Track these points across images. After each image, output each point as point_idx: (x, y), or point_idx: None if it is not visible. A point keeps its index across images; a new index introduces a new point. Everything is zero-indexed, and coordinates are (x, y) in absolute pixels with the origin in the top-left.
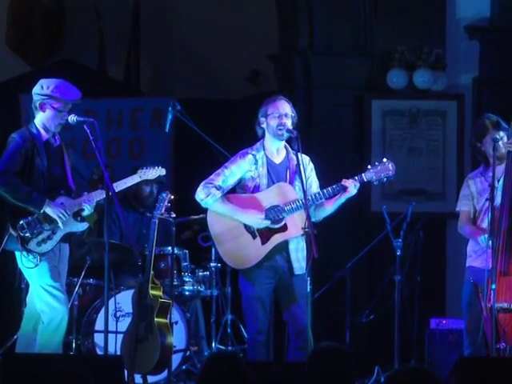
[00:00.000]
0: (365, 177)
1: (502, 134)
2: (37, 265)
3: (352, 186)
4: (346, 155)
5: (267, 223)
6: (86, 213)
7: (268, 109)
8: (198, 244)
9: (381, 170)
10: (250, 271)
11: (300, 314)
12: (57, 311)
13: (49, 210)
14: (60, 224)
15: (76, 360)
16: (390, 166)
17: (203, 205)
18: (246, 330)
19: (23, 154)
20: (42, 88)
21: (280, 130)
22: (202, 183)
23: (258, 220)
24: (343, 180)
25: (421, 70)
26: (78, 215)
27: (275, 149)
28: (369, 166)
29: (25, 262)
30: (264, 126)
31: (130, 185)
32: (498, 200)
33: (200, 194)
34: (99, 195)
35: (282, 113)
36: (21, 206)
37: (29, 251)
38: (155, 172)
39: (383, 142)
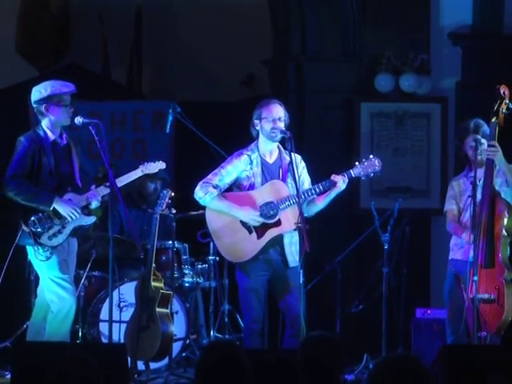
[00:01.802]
0: (353, 172)
1: (483, 140)
2: (49, 258)
3: (341, 182)
4: (337, 155)
5: (261, 220)
6: (93, 206)
7: (262, 112)
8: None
9: (368, 165)
10: (246, 264)
11: (294, 303)
12: (65, 301)
13: (58, 207)
14: (69, 219)
15: (82, 348)
16: (377, 161)
17: (201, 203)
18: (242, 320)
19: (30, 156)
20: (41, 93)
21: (273, 132)
22: (200, 182)
23: (252, 217)
24: (333, 175)
25: (406, 74)
26: (85, 209)
27: (269, 149)
28: (356, 163)
29: (37, 256)
30: (258, 128)
31: (132, 179)
32: (478, 197)
33: (198, 193)
34: (104, 190)
35: (276, 117)
36: (31, 206)
37: (41, 245)
38: (156, 166)
39: (371, 142)
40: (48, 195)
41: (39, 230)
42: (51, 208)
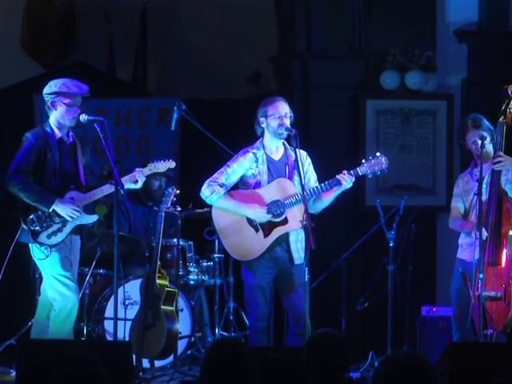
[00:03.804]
0: (360, 170)
1: (485, 133)
2: (47, 256)
3: (348, 181)
4: (342, 152)
5: (269, 217)
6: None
7: (268, 110)
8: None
9: (374, 163)
10: (252, 262)
11: (298, 301)
12: (68, 299)
13: (58, 209)
14: (69, 218)
15: (87, 345)
16: (383, 159)
17: (208, 202)
18: (247, 317)
19: (36, 153)
20: (51, 87)
21: (281, 129)
22: (207, 181)
23: (260, 214)
24: (339, 175)
25: (412, 71)
26: (88, 208)
27: (274, 146)
28: (363, 161)
29: (36, 254)
30: (264, 125)
31: None
32: (484, 195)
33: (205, 192)
34: (109, 189)
35: (282, 113)
36: (31, 204)
37: (39, 243)
38: (165, 165)
39: (377, 139)
40: (49, 196)
41: (37, 228)
42: (50, 209)
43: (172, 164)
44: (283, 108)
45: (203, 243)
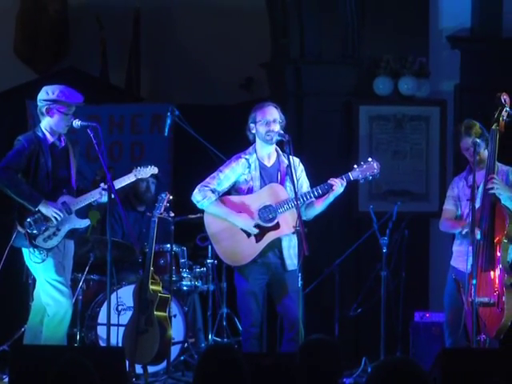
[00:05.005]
0: (351, 175)
1: (478, 140)
2: (44, 260)
3: (339, 185)
4: (335, 158)
5: (256, 231)
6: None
7: (257, 116)
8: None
9: (366, 168)
10: (245, 268)
11: (292, 307)
12: (61, 304)
13: (43, 209)
14: (54, 221)
15: (80, 351)
16: (375, 164)
17: (199, 206)
18: (240, 323)
19: (27, 156)
20: (48, 94)
21: (268, 135)
22: (198, 186)
23: (249, 226)
24: (331, 179)
25: (405, 77)
26: (80, 212)
27: (266, 153)
28: (355, 166)
29: (32, 258)
30: (254, 131)
31: (126, 183)
32: (478, 202)
33: (196, 197)
34: (98, 194)
35: (270, 119)
36: (19, 201)
37: (36, 247)
38: (148, 170)
39: (370, 145)
40: (37, 196)
41: (35, 231)
42: (36, 209)
43: (155, 170)
44: (271, 114)
45: (196, 249)
